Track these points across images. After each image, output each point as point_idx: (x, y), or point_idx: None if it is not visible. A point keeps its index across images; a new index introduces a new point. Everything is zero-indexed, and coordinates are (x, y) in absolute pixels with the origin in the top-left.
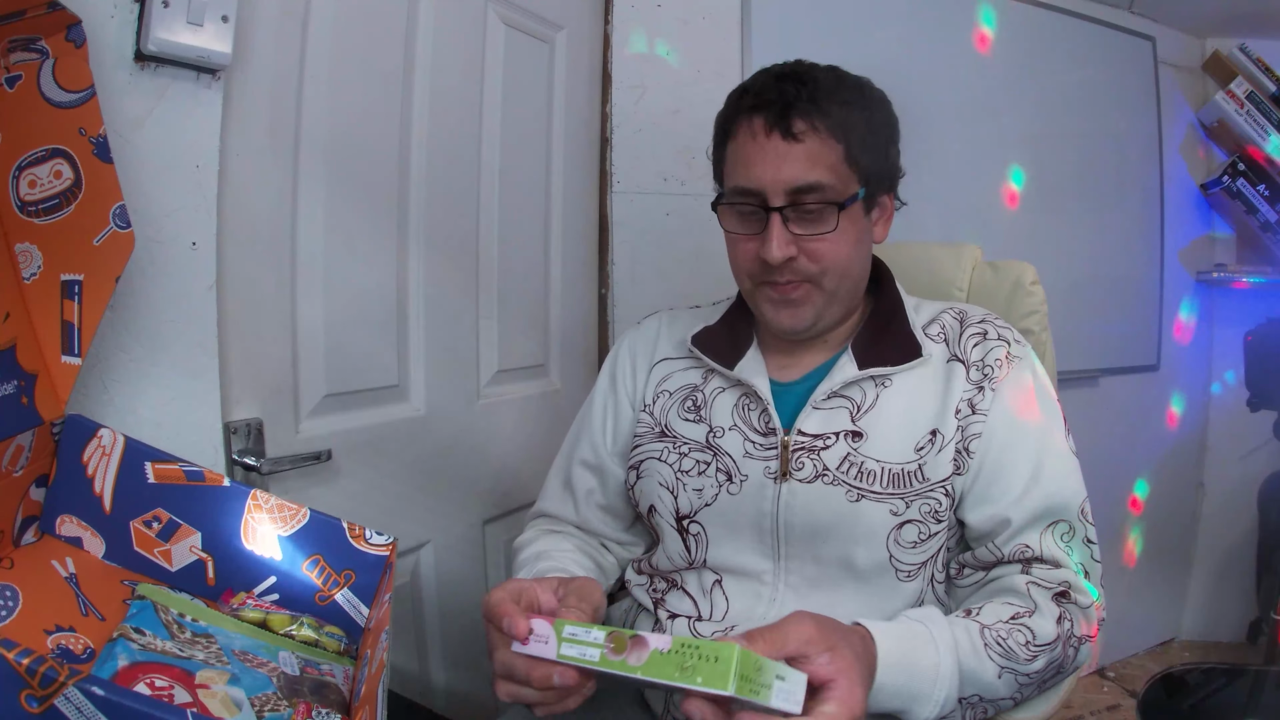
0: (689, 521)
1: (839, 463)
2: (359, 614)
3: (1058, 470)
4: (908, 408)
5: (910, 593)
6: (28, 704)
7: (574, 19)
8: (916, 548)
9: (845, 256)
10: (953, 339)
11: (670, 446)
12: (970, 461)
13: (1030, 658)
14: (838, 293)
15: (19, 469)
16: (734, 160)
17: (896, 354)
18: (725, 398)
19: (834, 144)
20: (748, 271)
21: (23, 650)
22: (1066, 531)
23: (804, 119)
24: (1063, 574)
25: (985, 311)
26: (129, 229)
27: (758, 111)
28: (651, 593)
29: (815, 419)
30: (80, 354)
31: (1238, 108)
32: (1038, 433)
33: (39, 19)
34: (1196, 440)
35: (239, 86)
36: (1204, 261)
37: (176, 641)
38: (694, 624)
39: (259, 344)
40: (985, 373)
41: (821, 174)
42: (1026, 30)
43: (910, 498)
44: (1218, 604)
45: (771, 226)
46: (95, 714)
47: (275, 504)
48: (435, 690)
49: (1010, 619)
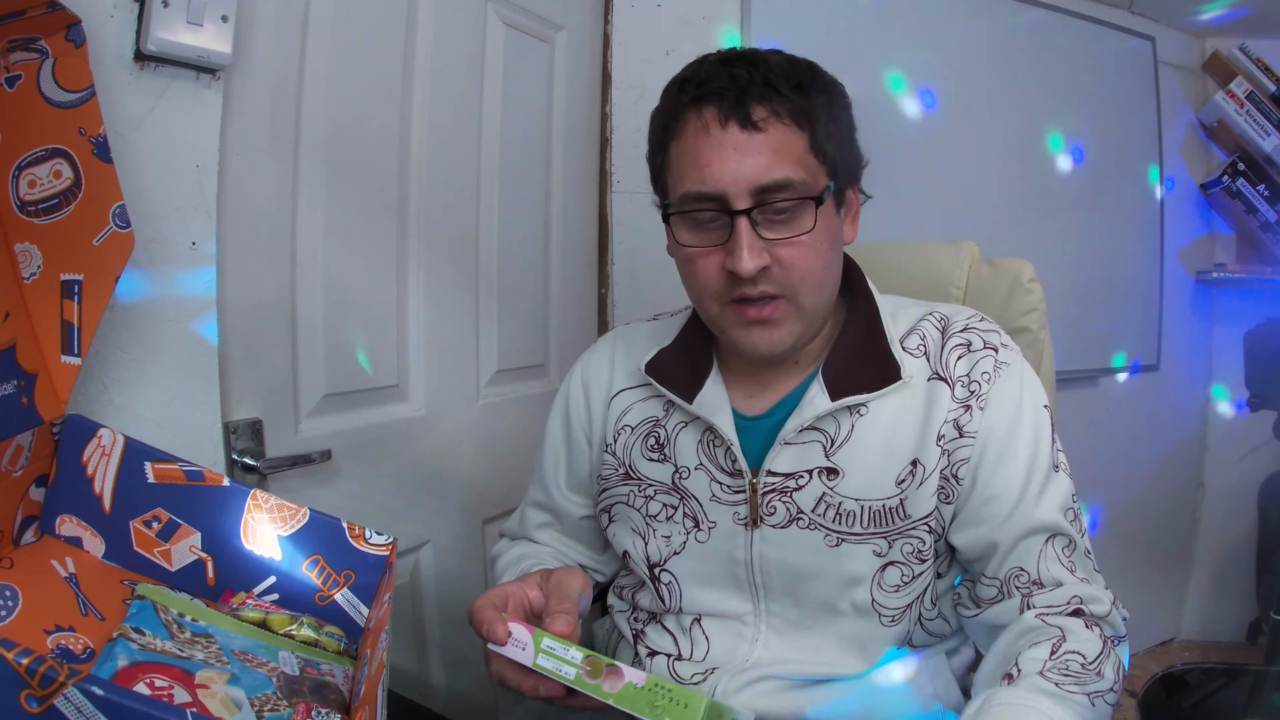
0: (659, 570)
1: (814, 504)
2: (359, 614)
3: (1047, 486)
4: (887, 438)
5: (897, 635)
6: (27, 704)
7: (574, 19)
8: (899, 591)
9: (822, 263)
10: (934, 353)
11: (636, 489)
12: (959, 488)
13: (1098, 673)
14: (816, 308)
15: (19, 469)
16: (682, 162)
17: (873, 378)
18: (688, 433)
19: (798, 132)
20: (712, 292)
21: (22, 650)
22: (1067, 545)
23: (763, 104)
24: (1067, 591)
25: (969, 314)
26: (129, 229)
27: (706, 102)
28: (632, 622)
29: (786, 456)
30: (80, 354)
31: (1237, 108)
32: (1028, 449)
33: (39, 19)
34: (1196, 440)
35: (239, 86)
36: (1204, 261)
37: (176, 641)
38: (673, 663)
39: (259, 344)
40: (972, 389)
41: (790, 168)
42: (1026, 30)
43: (892, 537)
44: (1218, 604)
45: (739, 233)
46: (95, 714)
47: (275, 504)
48: (435, 690)
49: (1051, 654)
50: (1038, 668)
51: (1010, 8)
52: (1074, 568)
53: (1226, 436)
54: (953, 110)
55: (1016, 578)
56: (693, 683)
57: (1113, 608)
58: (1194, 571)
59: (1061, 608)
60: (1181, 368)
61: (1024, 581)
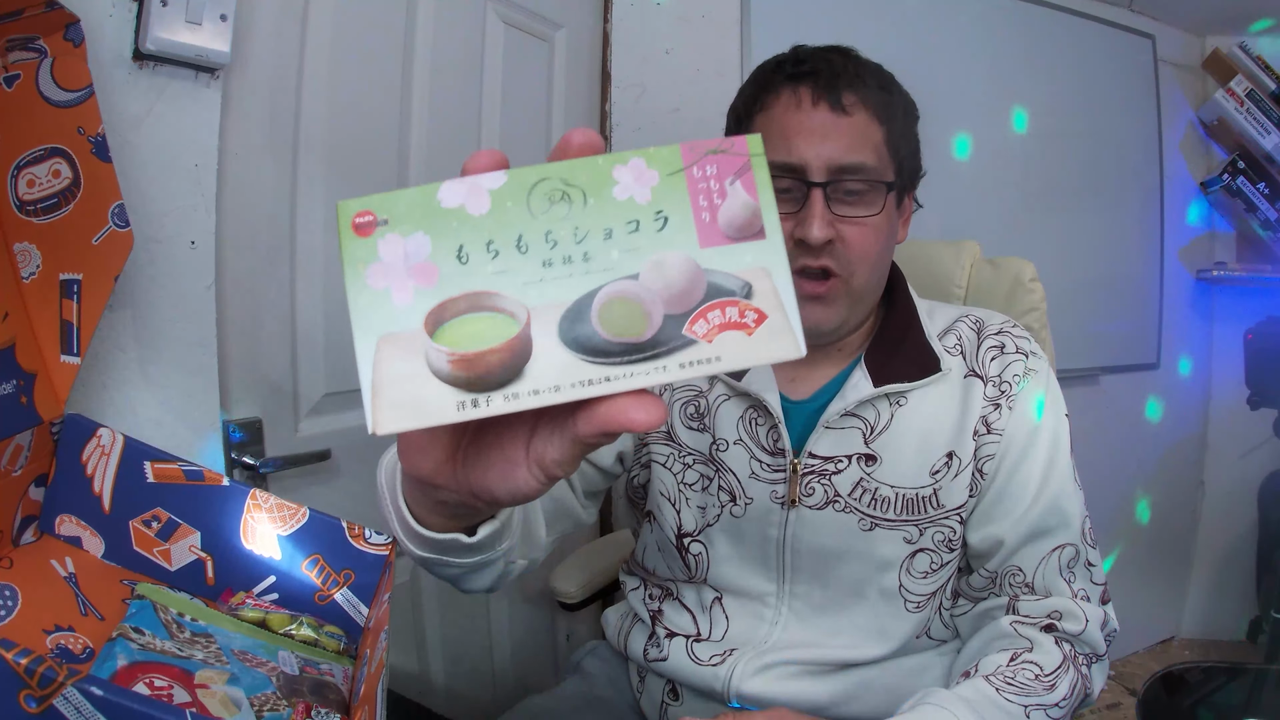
0: (690, 540)
1: (851, 488)
2: (358, 614)
3: (1061, 492)
4: (924, 428)
5: (918, 622)
6: (26, 704)
7: (573, 18)
8: (928, 578)
9: (881, 247)
10: (970, 351)
11: (675, 454)
12: (982, 483)
13: (1048, 687)
14: (865, 291)
15: (18, 469)
16: (769, 132)
17: (913, 368)
18: (730, 407)
19: (878, 125)
20: None
21: (22, 650)
22: (1073, 558)
23: (853, 92)
24: (1051, 604)
25: (1003, 319)
26: (128, 228)
27: (802, 80)
28: (647, 601)
29: (827, 441)
30: (79, 353)
31: (1237, 106)
32: (1046, 454)
33: (37, 18)
34: (1196, 438)
35: (238, 85)
36: (1204, 260)
37: (176, 641)
38: (691, 645)
39: (258, 343)
40: (1003, 389)
41: (867, 154)
42: (1026, 29)
43: (924, 525)
44: (1218, 602)
45: (812, 204)
46: (94, 714)
47: (274, 503)
48: (435, 690)
49: (1010, 661)
50: (989, 670)
51: (1010, 6)
52: (1072, 580)
53: (1227, 435)
54: (952, 109)
55: (1012, 576)
56: (710, 665)
57: (1089, 626)
58: (1194, 570)
59: (1036, 620)
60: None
61: (1017, 582)
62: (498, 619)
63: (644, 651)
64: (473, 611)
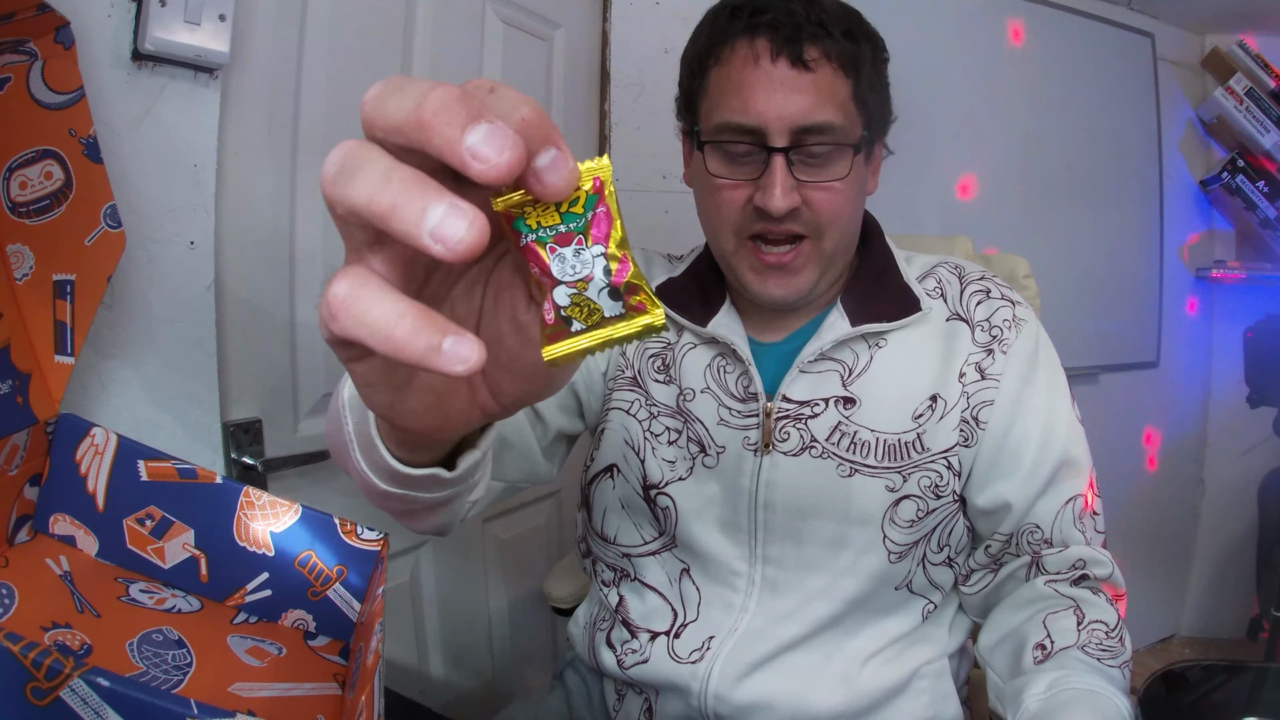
0: (656, 492)
1: (828, 433)
2: (351, 609)
3: (1067, 441)
4: (905, 371)
5: (898, 575)
6: (33, 696)
7: (572, 17)
8: (913, 526)
9: (850, 209)
10: (952, 295)
11: (641, 400)
12: (980, 433)
13: (1121, 641)
14: (836, 252)
15: (13, 468)
16: (723, 89)
17: (892, 309)
18: (696, 355)
19: (844, 78)
20: (732, 225)
21: (28, 643)
22: (1083, 509)
23: (816, 45)
24: (1074, 554)
25: (982, 268)
26: (120, 228)
27: (759, 32)
28: (603, 589)
29: (802, 384)
30: (73, 353)
31: (1237, 104)
32: (1048, 403)
33: (28, 21)
34: (1196, 437)
35: (237, 85)
36: (1203, 258)
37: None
38: (672, 644)
39: (258, 343)
40: (994, 334)
41: (832, 113)
42: (1025, 28)
43: (908, 470)
44: (1218, 601)
45: (774, 170)
46: (101, 705)
47: (267, 500)
48: (434, 689)
49: (1079, 625)
50: (1072, 639)
51: (1010, 4)
52: (1084, 530)
53: (1226, 433)
54: (951, 107)
55: (1030, 534)
56: (690, 662)
57: (1114, 569)
58: (1194, 568)
59: (1067, 574)
60: (1181, 364)
61: (1037, 539)
62: (497, 618)
63: (619, 661)
64: (473, 611)
